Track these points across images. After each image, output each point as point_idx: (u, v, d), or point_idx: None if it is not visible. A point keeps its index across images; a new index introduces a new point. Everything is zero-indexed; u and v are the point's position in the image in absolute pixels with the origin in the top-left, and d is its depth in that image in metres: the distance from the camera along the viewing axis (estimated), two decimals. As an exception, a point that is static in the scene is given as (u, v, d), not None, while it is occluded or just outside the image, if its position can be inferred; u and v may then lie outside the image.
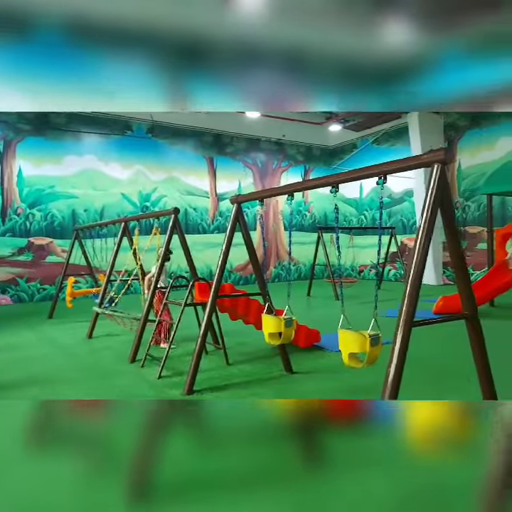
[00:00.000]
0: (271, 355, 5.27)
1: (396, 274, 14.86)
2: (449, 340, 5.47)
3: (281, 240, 16.31)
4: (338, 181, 3.03)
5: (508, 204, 11.36)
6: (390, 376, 2.42)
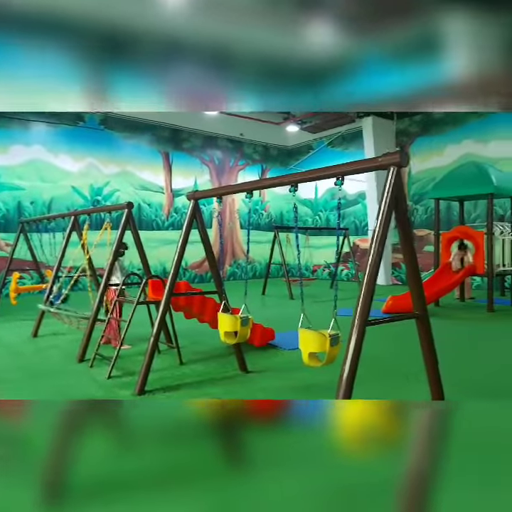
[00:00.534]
0: (225, 354, 5.22)
1: (348, 274, 15.25)
2: (395, 339, 5.66)
3: (237, 238, 16.28)
4: (297, 180, 3.03)
5: (453, 209, 11.96)
6: (345, 374, 2.45)
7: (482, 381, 4.19)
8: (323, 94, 2.17)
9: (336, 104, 2.22)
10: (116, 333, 5.56)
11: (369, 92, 2.14)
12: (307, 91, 2.17)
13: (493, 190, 8.33)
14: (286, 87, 2.18)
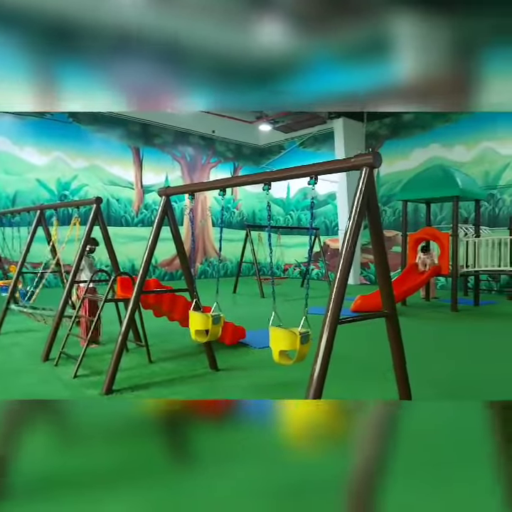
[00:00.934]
0: (196, 353, 5.18)
1: (318, 273, 15.43)
2: (364, 338, 5.77)
3: (208, 236, 16.19)
4: (271, 179, 3.03)
5: (420, 211, 12.29)
6: (316, 372, 2.46)
7: (446, 379, 4.32)
8: (274, 93, 2.17)
9: (287, 103, 2.22)
10: (85, 332, 5.41)
11: (320, 92, 2.15)
12: (259, 89, 2.17)
13: (458, 193, 8.61)
14: (237, 86, 2.16)
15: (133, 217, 14.33)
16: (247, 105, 2.32)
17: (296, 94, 2.18)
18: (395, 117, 13.58)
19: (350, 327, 3.25)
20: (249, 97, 2.22)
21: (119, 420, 2.26)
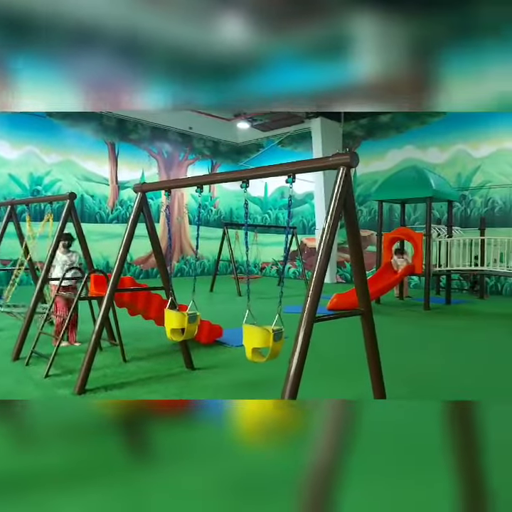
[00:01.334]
0: (171, 352, 5.12)
1: (295, 271, 15.51)
2: (339, 335, 5.83)
3: (185, 233, 16.05)
4: (250, 176, 3.01)
5: (395, 211, 12.51)
6: (292, 369, 2.47)
7: (418, 376, 4.41)
8: (233, 92, 2.15)
9: (249, 101, 2.20)
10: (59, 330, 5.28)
11: (281, 90, 2.14)
12: (220, 86, 2.14)
13: (431, 194, 8.79)
14: (198, 82, 2.13)
15: (108, 214, 14.07)
16: (208, 103, 2.26)
17: (258, 91, 2.15)
18: (371, 118, 13.77)
19: (327, 325, 3.28)
20: (210, 94, 2.19)
21: (78, 420, 2.26)
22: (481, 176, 11.59)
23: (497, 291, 11.32)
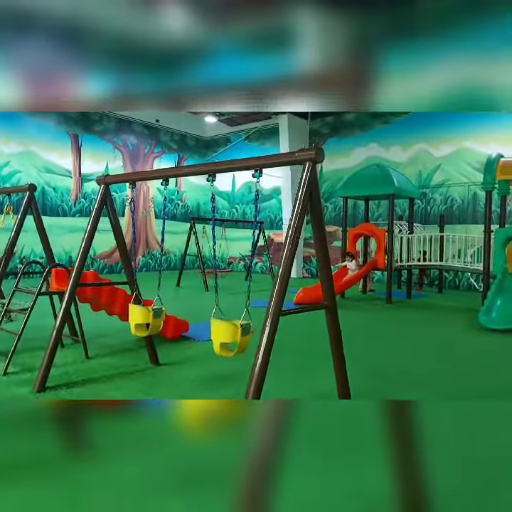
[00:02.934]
0: (136, 348, 5.05)
1: (262, 266, 15.59)
2: (307, 330, 5.92)
3: (151, 227, 15.80)
4: (216, 170, 3.00)
5: (359, 207, 12.77)
6: (258, 363, 2.49)
7: (380, 368, 4.55)
8: (174, 81, 2.12)
9: (190, 92, 2.16)
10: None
11: (221, 82, 2.12)
12: (159, 76, 2.12)
13: (394, 191, 9.04)
14: (137, 72, 2.10)
15: (70, 207, 13.65)
16: (150, 94, 2.21)
17: (200, 84, 2.12)
18: (337, 116, 13.97)
19: (294, 319, 3.32)
20: (152, 86, 2.15)
21: (17, 417, 2.28)
22: (440, 175, 12.01)
23: (455, 286, 11.79)
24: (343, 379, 3.16)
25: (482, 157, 10.22)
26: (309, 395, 3.67)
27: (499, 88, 1.98)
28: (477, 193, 11.24)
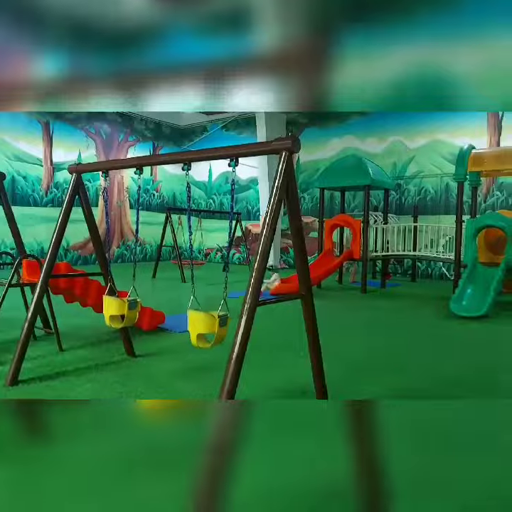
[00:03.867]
0: (111, 339, 4.98)
1: (240, 257, 15.58)
2: (285, 320, 5.96)
3: (126, 218, 15.53)
4: (191, 159, 2.95)
5: (335, 198, 12.88)
6: (235, 353, 2.49)
7: (354, 355, 4.63)
8: (128, 61, 2.08)
9: (143, 72, 2.11)
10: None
11: (175, 62, 2.09)
12: (114, 56, 2.07)
13: (369, 182, 9.14)
14: (90, 51, 2.04)
15: (42, 197, 13.27)
16: (104, 75, 2.14)
17: (152, 64, 2.08)
18: (314, 106, 13.97)
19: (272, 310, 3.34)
20: (106, 66, 2.09)
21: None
22: (415, 166, 12.21)
23: (427, 275, 12.08)
24: (319, 368, 3.20)
25: (454, 149, 10.43)
26: (286, 385, 3.71)
27: (457, 83, 1.96)
28: (449, 184, 11.49)
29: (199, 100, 2.13)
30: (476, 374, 4.06)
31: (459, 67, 1.91)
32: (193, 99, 2.13)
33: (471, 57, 1.88)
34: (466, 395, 3.52)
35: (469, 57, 1.88)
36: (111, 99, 2.18)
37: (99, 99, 2.18)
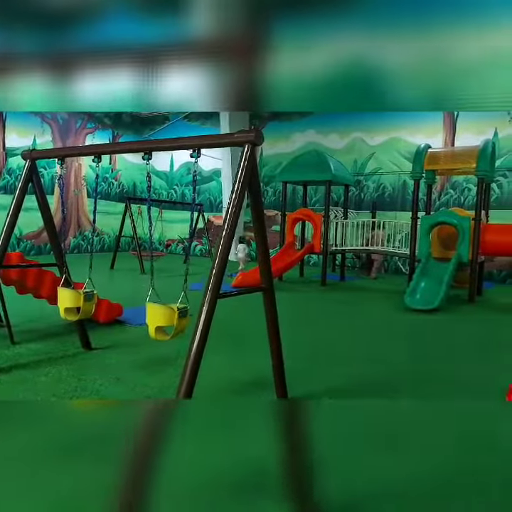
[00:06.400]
0: (66, 332, 4.83)
1: (202, 249, 15.46)
2: (247, 312, 5.99)
3: (83, 207, 15.02)
4: (153, 148, 2.89)
5: (298, 192, 13.01)
6: (194, 346, 2.48)
7: (314, 347, 4.73)
8: (61, 40, 2.01)
9: (71, 54, 2.05)
10: None
11: (107, 44, 2.04)
12: (44, 36, 2.00)
13: (330, 178, 9.29)
14: (19, 29, 1.98)
15: (-8, 183, 12.60)
16: (30, 56, 2.04)
17: (82, 46, 2.02)
18: (278, 100, 13.99)
19: (235, 302, 3.34)
20: (33, 46, 2.01)
21: None
22: (374, 163, 12.52)
23: (384, 269, 12.46)
24: (279, 360, 3.24)
25: (411, 147, 10.76)
26: (247, 378, 3.74)
27: (392, 82, 1.93)
28: (406, 181, 11.87)
29: (130, 89, 2.05)
30: (415, 365, 4.26)
31: (394, 64, 1.89)
32: (123, 86, 2.05)
33: (404, 55, 1.86)
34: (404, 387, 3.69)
35: (402, 55, 1.86)
36: (38, 82, 2.07)
37: (22, 82, 2.07)
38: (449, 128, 11.46)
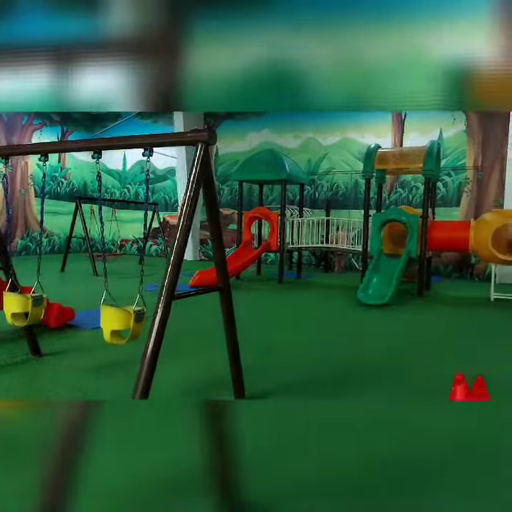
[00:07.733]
0: (14, 338, 4.60)
1: (157, 249, 15.20)
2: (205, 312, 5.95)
3: (30, 207, 14.34)
4: (103, 147, 2.80)
5: (254, 191, 13.06)
6: (149, 349, 2.44)
7: (271, 345, 4.78)
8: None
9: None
10: None
11: (20, 39, 1.96)
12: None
13: (285, 177, 9.41)
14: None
15: None
16: None
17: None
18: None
19: (192, 303, 3.31)
20: None
21: None
22: (327, 163, 12.79)
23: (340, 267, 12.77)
24: (236, 360, 3.24)
25: (362, 147, 11.09)
26: (204, 378, 3.72)
27: (309, 81, 1.89)
28: (358, 180, 12.22)
29: (47, 89, 1.97)
30: (364, 360, 4.42)
31: (313, 63, 1.88)
32: (36, 83, 1.97)
33: (323, 54, 1.86)
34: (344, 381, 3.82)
35: (321, 54, 1.85)
36: None
37: None
38: (398, 128, 11.90)
